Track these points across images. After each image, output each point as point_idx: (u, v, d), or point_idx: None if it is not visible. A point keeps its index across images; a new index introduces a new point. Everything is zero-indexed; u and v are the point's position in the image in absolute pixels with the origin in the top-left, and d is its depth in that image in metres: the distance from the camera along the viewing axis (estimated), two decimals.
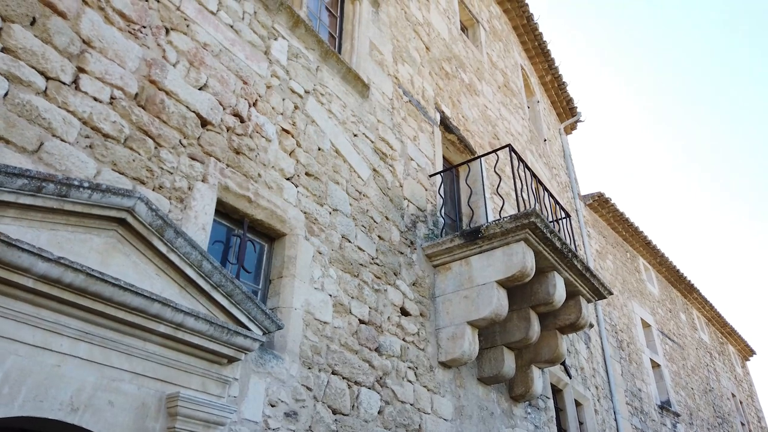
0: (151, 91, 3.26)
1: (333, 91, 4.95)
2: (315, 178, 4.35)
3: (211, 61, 3.76)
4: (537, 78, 11.70)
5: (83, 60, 2.92)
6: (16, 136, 2.50)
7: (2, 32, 2.60)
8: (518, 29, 10.98)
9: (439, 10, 7.96)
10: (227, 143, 3.66)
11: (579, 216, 10.81)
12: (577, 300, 5.64)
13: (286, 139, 4.20)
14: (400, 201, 5.31)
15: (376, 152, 5.23)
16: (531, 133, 10.02)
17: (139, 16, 3.33)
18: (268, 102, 4.16)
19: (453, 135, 6.88)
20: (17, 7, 2.69)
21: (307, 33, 4.77)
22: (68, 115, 2.75)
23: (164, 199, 3.11)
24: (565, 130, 12.55)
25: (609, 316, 10.41)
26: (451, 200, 6.68)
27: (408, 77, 6.33)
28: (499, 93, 9.06)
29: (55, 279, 2.23)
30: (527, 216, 4.77)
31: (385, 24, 6.23)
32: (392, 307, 4.62)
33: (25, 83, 2.62)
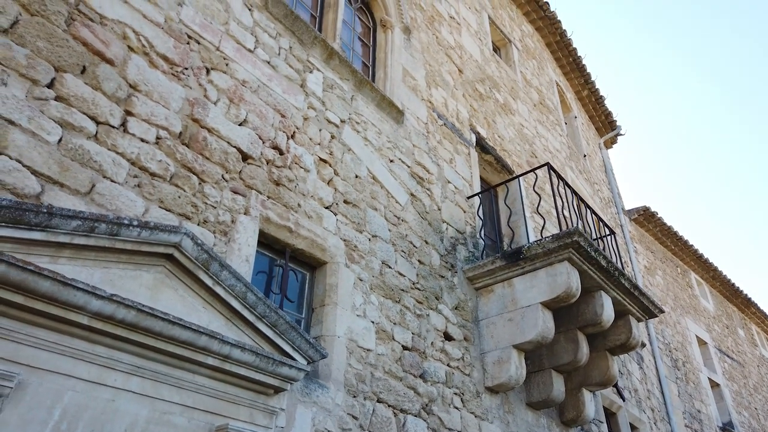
0: (194, 129, 3.38)
1: (368, 118, 5.02)
2: (353, 205, 4.39)
3: (249, 97, 3.87)
4: (573, 93, 11.58)
5: (130, 103, 3.06)
6: (70, 179, 2.63)
7: (55, 82, 2.75)
8: (551, 46, 10.93)
9: (471, 33, 8.01)
10: (267, 175, 3.75)
11: (624, 232, 10.53)
12: (626, 319, 5.47)
13: (323, 168, 4.27)
14: (438, 224, 5.30)
15: (412, 177, 5.26)
16: (570, 149, 9.88)
17: (182, 58, 3.48)
18: (306, 133, 4.25)
19: (489, 155, 6.86)
20: (69, 57, 2.85)
21: (341, 64, 4.87)
22: (117, 156, 2.88)
23: (209, 233, 3.20)
24: (605, 145, 12.33)
25: (662, 334, 10.03)
26: (490, 221, 6.62)
27: (442, 101, 6.37)
28: (534, 111, 8.99)
29: (108, 315, 2.31)
30: (570, 235, 4.68)
31: (417, 50, 6.31)
32: (435, 332, 4.58)
33: (77, 128, 2.76)
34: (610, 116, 12.11)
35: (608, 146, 12.50)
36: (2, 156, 2.42)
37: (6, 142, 2.45)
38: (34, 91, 2.64)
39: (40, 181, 2.52)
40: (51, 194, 2.54)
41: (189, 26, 3.63)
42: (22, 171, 2.46)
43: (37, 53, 2.71)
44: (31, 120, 2.57)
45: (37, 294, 2.14)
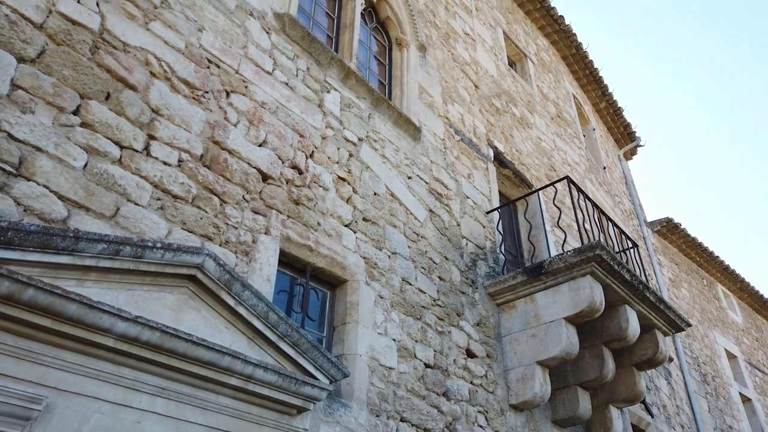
0: (215, 151, 3.43)
1: (385, 136, 5.04)
2: (372, 223, 4.40)
3: (269, 118, 3.93)
4: (591, 106, 11.52)
5: (153, 128, 3.13)
6: (95, 203, 2.68)
7: (81, 108, 2.82)
8: (567, 59, 10.91)
9: (486, 48, 8.04)
10: (287, 195, 3.78)
11: (647, 244, 10.37)
12: (652, 334, 5.37)
13: (342, 186, 4.29)
14: (458, 240, 5.28)
15: (431, 193, 5.26)
16: (589, 161, 9.80)
17: (202, 82, 3.55)
18: (324, 152, 4.28)
19: (508, 170, 6.83)
20: (93, 84, 2.92)
21: (357, 83, 4.92)
22: (141, 180, 2.93)
23: (230, 253, 3.23)
24: (625, 156, 12.21)
25: (689, 348, 9.81)
26: (510, 236, 6.57)
27: (458, 116, 6.38)
28: (552, 124, 8.96)
29: (133, 337, 2.33)
30: (592, 249, 4.63)
31: (432, 67, 6.35)
32: (457, 350, 4.54)
33: (102, 154, 2.82)
34: (629, 127, 12.02)
35: (628, 158, 12.38)
36: (30, 182, 2.48)
37: (34, 168, 2.51)
38: (61, 118, 2.71)
39: (66, 205, 2.57)
40: (77, 218, 2.59)
41: (209, 51, 3.70)
42: (50, 196, 2.52)
43: (63, 81, 2.79)
44: (58, 146, 2.64)
45: (64, 317, 2.17)
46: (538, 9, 10.10)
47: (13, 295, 2.05)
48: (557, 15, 10.27)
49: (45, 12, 2.86)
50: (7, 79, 2.57)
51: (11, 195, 2.39)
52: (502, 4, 9.45)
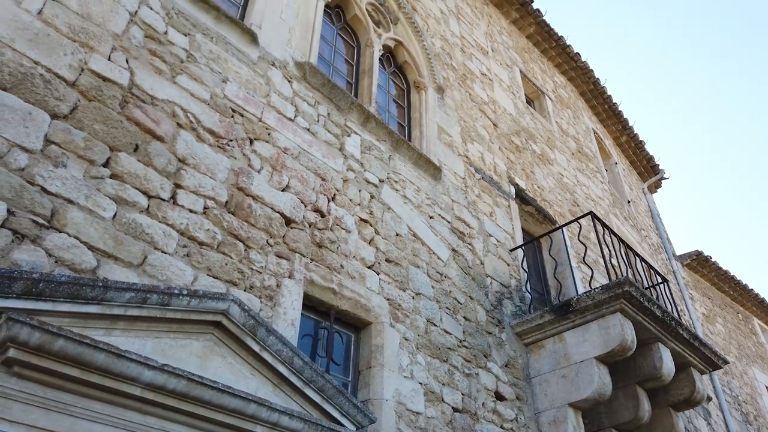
0: (239, 197, 3.49)
1: (406, 177, 5.08)
2: (395, 263, 4.39)
3: (291, 164, 4.00)
4: (611, 140, 11.49)
5: (179, 176, 3.21)
6: (124, 252, 2.74)
7: (110, 160, 2.92)
8: (585, 95, 10.96)
9: (503, 87, 8.13)
10: (310, 238, 3.81)
11: (677, 278, 10.12)
12: (688, 372, 5.18)
13: (364, 228, 4.31)
14: (482, 279, 5.23)
15: (453, 232, 5.24)
16: (613, 196, 9.71)
17: (227, 131, 3.65)
18: (346, 195, 4.33)
19: (530, 206, 6.80)
20: (123, 137, 3.03)
21: (377, 126, 5.00)
22: (168, 228, 2.99)
23: (255, 298, 3.24)
24: (649, 189, 12.07)
25: (728, 386, 9.42)
26: (536, 273, 6.49)
27: (478, 155, 6.42)
28: (573, 159, 8.94)
29: (159, 386, 2.34)
30: (620, 285, 4.54)
31: (450, 108, 6.43)
32: (486, 392, 4.44)
33: (130, 204, 2.89)
34: (652, 160, 11.92)
35: (652, 191, 12.23)
36: (61, 234, 2.55)
37: (65, 220, 2.58)
38: (91, 170, 2.80)
39: (96, 255, 2.63)
40: (106, 268, 2.64)
41: (233, 100, 3.82)
42: (80, 247, 2.58)
43: (94, 135, 2.89)
44: (88, 198, 2.72)
45: (92, 367, 2.19)
46: (554, 47, 10.22)
47: (44, 346, 2.08)
48: (573, 52, 10.37)
49: (77, 70, 2.99)
50: (41, 135, 2.67)
51: (43, 247, 2.46)
52: (517, 44, 9.59)
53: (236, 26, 4.11)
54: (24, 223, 2.44)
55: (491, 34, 8.81)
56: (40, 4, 3.00)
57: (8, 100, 2.63)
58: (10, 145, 2.55)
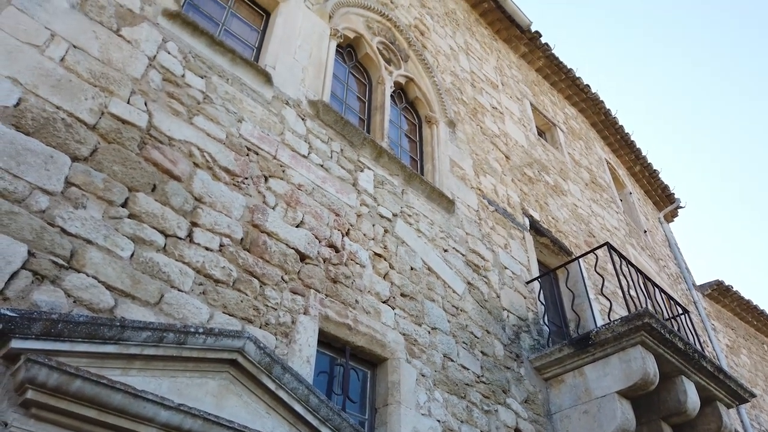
0: (254, 234, 3.52)
1: (419, 210, 5.10)
2: (410, 298, 4.37)
3: (305, 200, 4.04)
4: (625, 170, 11.46)
5: (196, 215, 3.25)
6: (141, 291, 2.76)
7: (129, 201, 2.97)
8: (597, 125, 11.00)
9: (514, 120, 8.19)
10: (325, 274, 3.82)
11: (699, 309, 9.92)
12: (714, 406, 5.02)
13: (379, 263, 4.31)
14: (499, 312, 5.17)
15: (468, 265, 5.22)
16: (629, 226, 9.62)
17: (242, 169, 3.71)
18: (360, 229, 4.34)
19: (545, 238, 6.76)
20: (141, 177, 3.09)
21: (390, 161, 5.04)
22: (184, 266, 3.02)
23: (270, 335, 3.23)
24: (666, 218, 11.96)
25: (756, 420, 9.10)
26: (553, 306, 6.40)
27: (491, 187, 6.43)
28: (587, 190, 8.91)
29: (176, 426, 2.32)
30: (639, 317, 4.46)
31: (462, 141, 6.48)
32: (506, 429, 4.33)
33: (148, 243, 2.93)
34: (667, 189, 11.84)
35: (669, 220, 12.11)
36: (80, 274, 2.58)
37: (84, 260, 2.62)
38: (110, 211, 2.85)
39: (113, 295, 2.66)
40: (123, 307, 2.66)
41: (248, 139, 3.89)
42: (98, 287, 2.61)
43: (113, 176, 2.96)
44: (107, 238, 2.76)
45: (109, 407, 2.19)
46: (563, 80, 10.32)
47: (61, 387, 2.09)
48: (583, 84, 10.46)
49: (98, 114, 3.08)
50: (61, 178, 2.74)
51: (62, 287, 2.49)
52: (527, 77, 9.70)
53: (251, 68, 4.22)
54: (44, 264, 2.48)
55: (501, 68, 8.93)
56: (63, 52, 3.11)
57: (31, 144, 2.71)
58: (32, 188, 2.61)
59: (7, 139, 2.64)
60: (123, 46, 3.46)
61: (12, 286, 2.34)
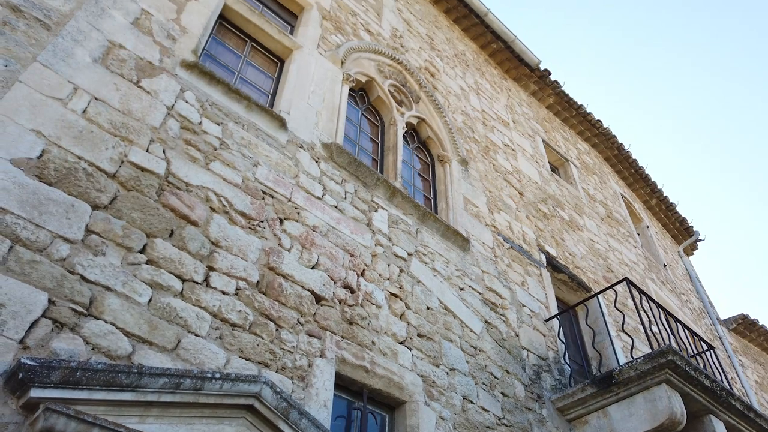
0: (270, 277, 3.54)
1: (434, 249, 5.09)
2: (428, 338, 4.32)
3: (320, 241, 4.06)
4: (641, 203, 11.38)
5: (212, 259, 3.28)
6: (158, 337, 2.78)
7: (147, 247, 3.02)
8: (610, 160, 11.00)
9: (527, 157, 8.23)
10: (340, 315, 3.80)
11: (725, 344, 9.65)
12: None
13: (395, 303, 4.29)
14: (518, 352, 5.08)
15: (485, 303, 5.16)
16: (647, 260, 9.49)
17: (258, 212, 3.76)
18: (375, 270, 4.34)
19: (563, 274, 6.69)
20: (159, 223, 3.14)
21: (404, 200, 5.08)
22: (201, 311, 3.04)
23: (287, 379, 3.21)
24: (685, 252, 11.78)
25: None
26: (573, 344, 6.28)
27: (506, 224, 6.41)
28: (603, 225, 8.85)
29: None
30: (663, 354, 4.35)
31: (475, 179, 6.51)
32: None
33: (165, 288, 2.96)
34: (685, 222, 11.71)
35: (689, 253, 11.93)
36: (99, 321, 2.60)
37: (103, 307, 2.65)
38: (129, 257, 2.90)
39: (131, 341, 2.67)
40: (141, 353, 2.67)
41: (263, 183, 3.96)
42: (116, 333, 2.63)
43: (132, 223, 3.01)
44: (125, 284, 2.79)
45: None
46: (574, 116, 10.39)
47: None
48: (594, 119, 10.52)
49: (118, 163, 3.16)
50: (82, 226, 2.80)
51: (81, 334, 2.51)
52: (538, 114, 9.79)
53: (266, 113, 4.33)
54: (63, 312, 2.51)
55: (511, 106, 9.03)
56: (85, 104, 3.23)
57: (53, 194, 2.78)
58: (53, 237, 2.67)
59: (31, 189, 2.72)
60: (143, 96, 3.58)
61: (32, 335, 2.37)
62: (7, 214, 2.57)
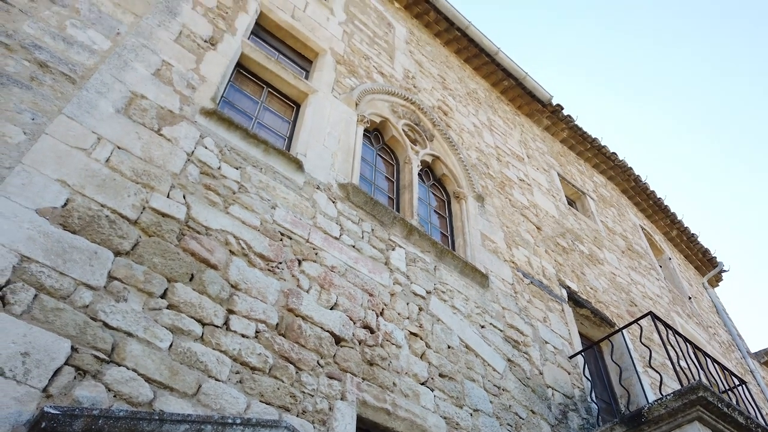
0: (289, 318, 3.53)
1: (453, 286, 5.05)
2: (450, 378, 4.25)
3: (338, 281, 4.06)
4: (662, 235, 11.23)
5: (232, 302, 3.30)
6: (179, 382, 2.77)
7: (168, 291, 3.04)
8: (627, 192, 10.93)
9: (543, 191, 8.22)
10: (360, 356, 3.77)
11: (757, 378, 9.32)
12: None
13: (415, 342, 4.24)
14: (543, 390, 4.96)
15: (507, 341, 5.08)
16: (672, 293, 9.30)
17: (276, 254, 3.78)
18: (394, 309, 4.31)
19: (585, 309, 6.57)
20: (179, 268, 3.18)
21: (421, 238, 5.07)
22: (221, 355, 3.03)
23: (308, 423, 3.16)
24: (710, 283, 11.54)
25: None
26: (600, 381, 6.12)
27: (525, 259, 6.36)
28: (624, 258, 8.73)
29: None
30: (693, 390, 4.21)
31: (492, 214, 6.50)
32: None
33: (186, 332, 2.97)
34: (708, 253, 11.50)
35: (713, 285, 11.68)
36: (120, 367, 2.61)
37: (125, 353, 2.66)
38: (150, 302, 2.92)
39: (152, 387, 2.66)
40: (162, 399, 2.66)
41: (281, 225, 3.99)
42: (137, 380, 2.63)
43: (153, 268, 3.05)
44: (147, 330, 2.81)
45: None
46: (589, 149, 10.40)
47: None
48: (609, 152, 10.51)
49: (139, 209, 3.23)
50: (104, 273, 2.84)
51: (103, 381, 2.51)
52: (552, 148, 9.82)
53: (283, 156, 4.40)
54: (86, 359, 2.52)
55: (525, 141, 9.08)
56: (108, 153, 3.32)
57: (77, 242, 2.84)
58: (77, 284, 2.71)
59: (55, 238, 2.77)
60: (163, 144, 3.67)
61: (55, 383, 2.38)
62: (33, 263, 2.62)
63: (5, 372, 2.27)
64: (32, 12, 3.69)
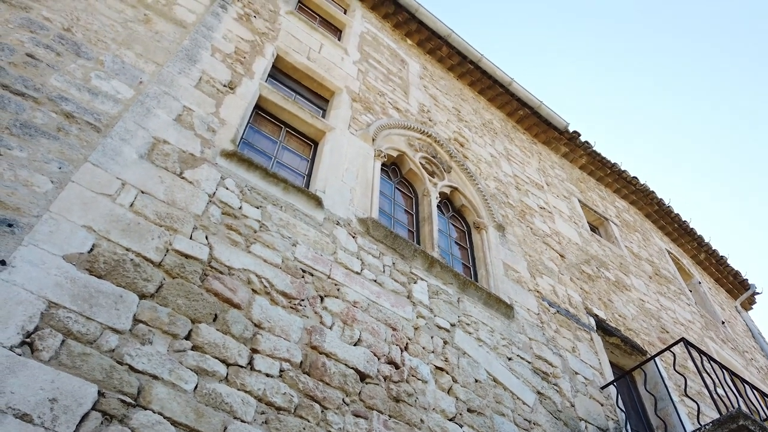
0: (313, 356, 3.51)
1: (478, 318, 4.98)
2: (478, 413, 4.15)
3: (361, 317, 4.03)
4: (689, 259, 10.99)
5: (256, 341, 3.29)
6: (204, 425, 2.75)
7: (192, 333, 3.05)
8: (651, 216, 10.76)
9: (564, 218, 8.14)
10: (386, 393, 3.71)
11: None
12: None
13: (441, 377, 4.17)
14: (576, 424, 4.81)
15: (536, 373, 4.96)
16: (704, 318, 9.04)
17: (298, 291, 3.78)
18: (418, 343, 4.26)
19: (615, 337, 6.40)
20: (203, 308, 3.19)
21: (443, 270, 5.04)
22: (246, 395, 3.01)
23: None
24: (743, 307, 11.19)
25: None
26: (634, 411, 5.91)
27: (550, 288, 6.26)
28: (652, 283, 8.54)
29: None
30: (733, 419, 4.05)
31: (514, 244, 6.44)
32: None
33: (210, 373, 2.96)
34: (739, 276, 11.20)
35: (746, 308, 11.33)
36: (146, 411, 2.60)
37: (150, 396, 2.66)
38: (174, 344, 2.93)
39: (178, 430, 2.64)
40: None
41: (302, 261, 4.01)
42: (164, 423, 2.61)
43: (177, 310, 3.07)
44: (172, 372, 2.81)
45: None
46: (609, 174, 10.32)
47: None
48: (630, 176, 10.41)
49: (163, 252, 3.27)
50: (130, 316, 2.86)
51: (130, 426, 2.51)
52: (571, 175, 9.76)
53: (302, 194, 4.45)
54: (113, 404, 2.52)
55: (543, 169, 9.05)
56: (132, 198, 3.39)
57: (103, 287, 2.88)
58: (103, 328, 2.73)
59: (82, 283, 2.82)
60: (186, 187, 3.74)
61: (82, 429, 2.38)
62: (60, 309, 2.66)
63: (34, 419, 2.29)
64: (59, 66, 3.85)
